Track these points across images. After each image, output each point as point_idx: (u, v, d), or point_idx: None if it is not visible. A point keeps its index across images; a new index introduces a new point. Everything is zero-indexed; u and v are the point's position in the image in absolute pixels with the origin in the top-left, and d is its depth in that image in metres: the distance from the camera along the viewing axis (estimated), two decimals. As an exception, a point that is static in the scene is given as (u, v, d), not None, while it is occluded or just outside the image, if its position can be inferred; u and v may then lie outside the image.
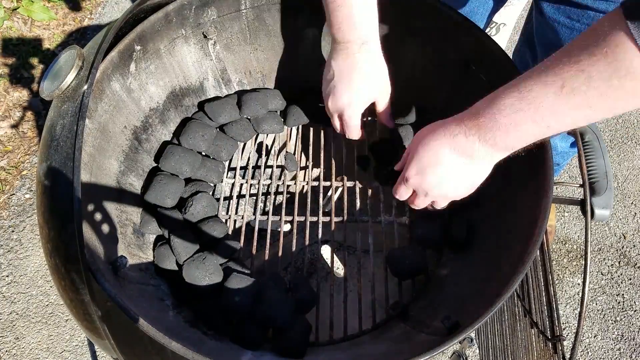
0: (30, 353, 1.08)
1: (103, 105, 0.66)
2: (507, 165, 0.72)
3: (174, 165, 0.77)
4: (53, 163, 0.51)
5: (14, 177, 1.32)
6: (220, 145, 0.83)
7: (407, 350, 0.61)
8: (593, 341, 1.14)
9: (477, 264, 0.71)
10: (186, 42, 0.79)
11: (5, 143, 1.37)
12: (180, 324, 0.66)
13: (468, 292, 0.67)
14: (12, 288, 1.15)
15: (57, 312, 1.12)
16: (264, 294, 0.68)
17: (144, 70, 0.73)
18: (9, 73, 1.48)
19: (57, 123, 0.53)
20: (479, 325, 0.52)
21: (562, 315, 1.16)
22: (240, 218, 0.81)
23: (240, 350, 0.66)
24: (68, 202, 0.47)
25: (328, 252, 0.98)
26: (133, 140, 0.74)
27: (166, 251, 0.72)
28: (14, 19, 1.55)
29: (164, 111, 0.80)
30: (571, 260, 1.25)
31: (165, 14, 0.71)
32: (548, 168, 0.60)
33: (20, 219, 1.25)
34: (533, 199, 0.61)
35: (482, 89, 0.75)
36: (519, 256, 0.57)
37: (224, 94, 0.90)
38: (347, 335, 0.72)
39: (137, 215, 0.75)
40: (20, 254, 1.20)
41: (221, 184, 0.85)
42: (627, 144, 1.45)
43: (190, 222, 0.76)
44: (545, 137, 0.48)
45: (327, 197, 1.07)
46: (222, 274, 0.71)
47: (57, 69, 0.55)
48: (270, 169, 0.93)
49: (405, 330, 0.69)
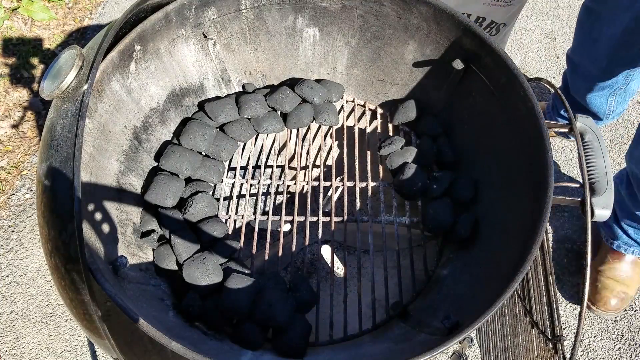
0: (30, 353, 1.08)
1: (103, 105, 0.66)
2: (507, 166, 0.73)
3: (174, 165, 0.77)
4: (53, 163, 0.51)
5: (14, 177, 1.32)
6: (220, 145, 0.83)
7: (407, 350, 0.61)
8: (593, 341, 1.14)
9: (477, 263, 0.71)
10: (186, 42, 0.79)
11: (5, 143, 1.37)
12: (180, 324, 0.66)
13: (468, 292, 0.67)
14: (12, 288, 1.15)
15: (57, 312, 1.12)
16: (264, 294, 0.68)
17: (144, 70, 0.73)
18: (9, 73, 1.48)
19: (57, 123, 0.53)
20: (479, 325, 0.52)
21: (562, 315, 1.16)
22: (240, 218, 0.81)
23: (240, 350, 0.66)
24: (68, 202, 0.47)
25: (328, 252, 0.98)
26: (133, 140, 0.74)
27: (166, 251, 0.72)
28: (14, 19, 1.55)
29: (164, 111, 0.80)
30: (571, 260, 1.25)
31: (165, 14, 0.71)
32: (548, 168, 0.60)
33: (20, 219, 1.25)
34: (533, 199, 0.61)
35: (482, 89, 0.76)
36: (519, 256, 0.57)
37: (224, 93, 0.90)
38: (347, 335, 0.72)
39: (137, 215, 0.75)
40: (20, 254, 1.20)
41: (221, 184, 0.85)
42: (627, 144, 1.44)
43: (191, 222, 0.76)
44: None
45: (327, 197, 1.07)
46: (222, 274, 0.71)
47: (57, 69, 0.55)
48: (270, 169, 0.93)
49: (405, 330, 0.69)
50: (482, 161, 0.79)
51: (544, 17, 1.73)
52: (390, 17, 0.78)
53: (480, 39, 0.71)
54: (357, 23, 0.82)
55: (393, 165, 0.83)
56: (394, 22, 0.79)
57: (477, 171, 0.80)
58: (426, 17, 0.75)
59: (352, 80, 0.92)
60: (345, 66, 0.90)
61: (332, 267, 0.78)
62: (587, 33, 1.12)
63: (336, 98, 0.90)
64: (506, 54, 0.68)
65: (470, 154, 0.82)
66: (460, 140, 0.83)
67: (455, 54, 0.76)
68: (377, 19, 0.79)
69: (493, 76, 0.72)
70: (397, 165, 0.82)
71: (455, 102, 0.82)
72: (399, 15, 0.77)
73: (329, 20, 0.82)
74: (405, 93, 0.89)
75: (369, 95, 0.93)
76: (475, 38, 0.71)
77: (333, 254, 0.81)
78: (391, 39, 0.82)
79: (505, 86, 0.70)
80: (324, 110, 0.87)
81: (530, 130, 0.65)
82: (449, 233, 0.77)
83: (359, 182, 0.84)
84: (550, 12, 1.75)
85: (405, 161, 0.82)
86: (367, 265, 0.88)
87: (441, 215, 0.77)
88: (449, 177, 0.80)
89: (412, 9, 0.75)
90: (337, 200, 1.07)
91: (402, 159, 0.82)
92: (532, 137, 0.64)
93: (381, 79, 0.89)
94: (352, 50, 0.87)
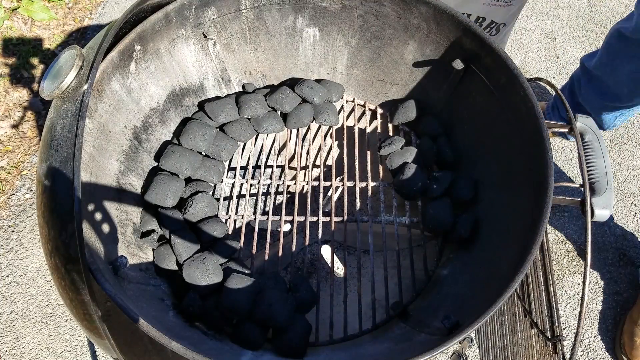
0: (30, 353, 1.08)
1: (103, 105, 0.66)
2: (507, 166, 0.73)
3: (174, 165, 0.77)
4: (53, 163, 0.51)
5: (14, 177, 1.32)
6: (220, 145, 0.83)
7: (407, 350, 0.61)
8: (593, 341, 1.14)
9: (477, 264, 0.71)
10: (186, 42, 0.79)
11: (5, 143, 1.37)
12: (180, 324, 0.66)
13: (468, 292, 0.67)
14: (12, 288, 1.15)
15: (57, 312, 1.12)
16: (264, 294, 0.68)
17: (144, 70, 0.73)
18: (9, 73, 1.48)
19: (57, 123, 0.53)
20: (479, 325, 0.52)
21: (562, 315, 1.16)
22: (240, 218, 0.81)
23: (240, 350, 0.66)
24: (68, 202, 0.47)
25: (328, 252, 0.98)
26: (133, 140, 0.74)
27: (166, 251, 0.72)
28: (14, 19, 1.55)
29: (164, 111, 0.80)
30: (571, 260, 1.25)
31: (165, 14, 0.71)
32: (548, 168, 0.60)
33: (20, 219, 1.25)
34: (533, 199, 0.61)
35: (482, 89, 0.76)
36: (519, 256, 0.57)
37: (224, 93, 0.90)
38: (347, 335, 0.72)
39: (137, 215, 0.75)
40: (20, 254, 1.20)
41: (221, 184, 0.85)
42: (627, 144, 1.45)
43: (191, 222, 0.76)
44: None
45: (327, 197, 1.07)
46: (222, 274, 0.71)
47: (57, 69, 0.55)
48: (270, 169, 0.93)
49: (405, 330, 0.69)
50: (482, 161, 0.79)
51: (544, 17, 1.73)
52: (390, 17, 0.78)
53: (480, 39, 0.71)
54: (357, 23, 0.82)
55: (393, 165, 0.83)
56: (394, 22, 0.79)
57: (477, 171, 0.80)
58: (426, 17, 0.75)
59: (352, 80, 0.92)
60: (345, 66, 0.90)
61: (332, 267, 0.78)
62: (614, 57, 1.11)
63: (336, 98, 0.90)
64: (506, 54, 0.68)
65: (470, 154, 0.82)
66: (460, 140, 0.84)
67: (455, 54, 0.76)
68: (377, 19, 0.79)
69: (493, 76, 0.72)
70: (397, 165, 0.82)
71: (455, 102, 0.82)
72: (399, 15, 0.77)
73: (329, 20, 0.82)
74: (405, 93, 0.89)
75: (369, 95, 0.93)
76: (475, 38, 0.71)
77: (333, 254, 0.81)
78: (391, 39, 0.82)
79: (505, 86, 0.70)
80: (324, 110, 0.88)
81: (530, 130, 0.65)
82: (449, 233, 0.77)
83: (359, 182, 0.84)
84: (550, 12, 1.75)
85: (405, 161, 0.82)
86: (367, 265, 0.88)
87: (441, 215, 0.77)
88: (449, 177, 0.80)
89: (412, 9, 0.75)
90: (337, 200, 1.07)
91: (402, 159, 0.82)
92: (532, 137, 0.64)
93: (381, 79, 0.89)
94: (352, 50, 0.87)
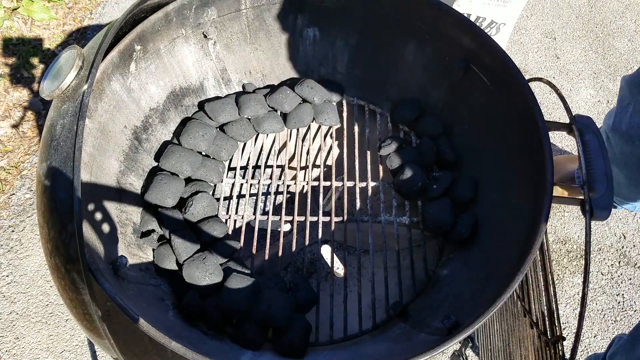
0: (30, 353, 1.08)
1: (103, 105, 0.66)
2: (507, 166, 0.73)
3: (174, 165, 0.77)
4: (53, 163, 0.51)
5: (14, 177, 1.32)
6: (220, 145, 0.83)
7: (407, 350, 0.61)
8: (593, 341, 1.14)
9: (477, 264, 0.71)
10: (186, 42, 0.79)
11: (5, 143, 1.37)
12: (180, 324, 0.66)
13: (468, 292, 0.67)
14: (12, 288, 1.15)
15: (57, 312, 1.12)
16: (264, 294, 0.68)
17: (144, 70, 0.73)
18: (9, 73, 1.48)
19: (57, 123, 0.53)
20: (479, 325, 0.52)
21: (562, 315, 1.16)
22: (240, 218, 0.81)
23: (240, 350, 0.66)
24: (68, 202, 0.47)
25: (328, 252, 0.98)
26: (133, 140, 0.74)
27: (166, 251, 0.72)
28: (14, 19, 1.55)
29: (164, 111, 0.80)
30: (571, 260, 1.25)
31: (165, 14, 0.71)
32: (548, 168, 0.60)
33: (20, 219, 1.25)
34: (533, 199, 0.61)
35: (482, 89, 0.76)
36: (519, 256, 0.57)
37: (224, 93, 0.90)
38: (347, 335, 0.72)
39: (137, 215, 0.75)
40: (20, 254, 1.20)
41: (221, 184, 0.85)
42: (627, 144, 1.44)
43: (191, 222, 0.76)
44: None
45: (327, 197, 1.07)
46: (222, 273, 0.71)
47: (57, 69, 0.55)
48: (270, 169, 0.93)
49: (405, 330, 0.69)
50: (482, 161, 0.79)
51: (544, 17, 1.73)
52: (390, 17, 0.78)
53: (480, 39, 0.71)
54: (357, 23, 0.82)
55: (393, 165, 0.83)
56: (394, 22, 0.79)
57: (477, 171, 0.80)
58: (426, 17, 0.75)
59: (352, 80, 0.92)
60: (345, 66, 0.90)
61: (332, 267, 0.78)
62: None
63: (336, 98, 0.90)
64: (506, 54, 0.68)
65: (470, 154, 0.82)
66: (460, 140, 0.83)
67: (455, 54, 0.76)
68: (377, 19, 0.79)
69: (493, 76, 0.72)
70: (397, 165, 0.82)
71: (455, 102, 0.82)
72: (399, 15, 0.77)
73: (329, 20, 0.82)
74: (405, 93, 0.89)
75: (369, 95, 0.93)
76: (475, 38, 0.71)
77: (333, 254, 0.81)
78: (391, 39, 0.82)
79: (505, 86, 0.70)
80: (324, 110, 0.87)
81: (530, 130, 0.65)
82: (449, 233, 0.77)
83: (359, 182, 0.84)
84: (550, 12, 1.75)
85: (406, 161, 0.82)
86: (367, 265, 0.88)
87: (441, 215, 0.77)
88: (449, 177, 0.80)
89: (412, 9, 0.75)
90: (337, 200, 1.07)
91: (402, 159, 0.82)
92: (532, 137, 0.64)
93: (381, 79, 0.89)
94: (352, 50, 0.87)
